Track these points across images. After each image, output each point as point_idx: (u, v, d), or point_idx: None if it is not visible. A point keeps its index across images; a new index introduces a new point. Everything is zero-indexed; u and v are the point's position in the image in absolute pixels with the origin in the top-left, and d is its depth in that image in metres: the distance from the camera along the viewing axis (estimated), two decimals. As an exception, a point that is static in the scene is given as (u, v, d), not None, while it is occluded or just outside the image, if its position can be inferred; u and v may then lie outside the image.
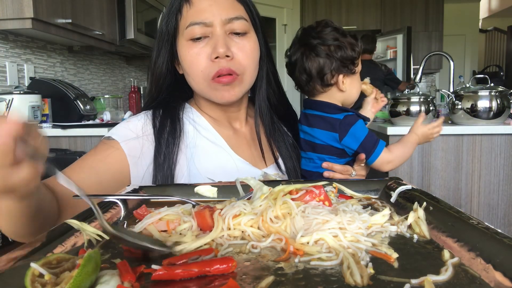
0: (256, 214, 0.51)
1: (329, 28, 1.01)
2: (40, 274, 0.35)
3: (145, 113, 0.89)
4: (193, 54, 0.82)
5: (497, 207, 1.92)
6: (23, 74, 2.33)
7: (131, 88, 3.45)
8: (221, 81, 0.81)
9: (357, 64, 1.02)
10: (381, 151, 0.97)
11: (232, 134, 0.93)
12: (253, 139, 0.96)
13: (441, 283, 0.37)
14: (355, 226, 0.49)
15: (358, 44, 1.01)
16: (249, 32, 0.85)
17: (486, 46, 8.04)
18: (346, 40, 1.00)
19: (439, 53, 2.59)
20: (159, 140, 0.83)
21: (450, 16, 6.06)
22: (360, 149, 0.98)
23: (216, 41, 0.80)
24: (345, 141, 0.99)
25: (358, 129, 0.98)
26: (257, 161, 0.93)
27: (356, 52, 1.00)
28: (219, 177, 0.79)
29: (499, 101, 1.87)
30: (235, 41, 0.83)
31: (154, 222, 0.53)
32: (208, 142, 0.88)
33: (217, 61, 0.80)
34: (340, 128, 0.99)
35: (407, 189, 0.64)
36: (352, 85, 1.03)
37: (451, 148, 1.92)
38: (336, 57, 0.99)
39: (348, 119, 0.99)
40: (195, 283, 0.38)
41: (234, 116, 0.94)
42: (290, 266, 0.41)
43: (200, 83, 0.84)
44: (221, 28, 0.81)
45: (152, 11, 3.13)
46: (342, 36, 1.01)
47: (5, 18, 1.88)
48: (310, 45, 1.01)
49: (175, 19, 0.85)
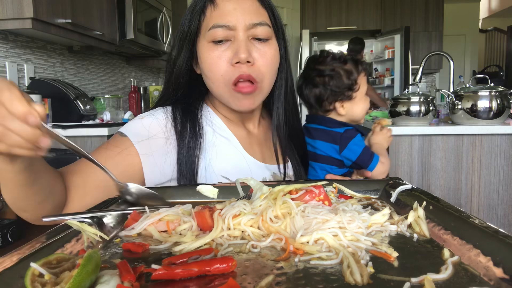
0: (256, 214, 0.52)
1: (328, 58, 1.12)
2: (40, 274, 0.35)
3: (164, 111, 0.87)
4: (214, 57, 0.81)
5: (497, 207, 1.92)
6: (23, 74, 2.33)
7: (131, 88, 3.45)
8: (242, 91, 0.81)
9: (356, 89, 1.10)
10: (377, 163, 1.05)
11: (245, 135, 0.93)
12: (265, 140, 0.97)
13: (441, 282, 0.37)
14: (355, 225, 0.49)
15: (357, 70, 1.09)
16: (271, 39, 0.84)
17: (486, 46, 8.04)
18: (343, 68, 1.10)
19: (439, 53, 2.59)
20: (181, 145, 0.83)
21: (450, 16, 6.06)
22: (359, 161, 1.07)
23: (238, 46, 0.79)
24: (344, 153, 1.08)
25: (356, 143, 1.08)
26: (269, 162, 0.93)
27: (351, 79, 1.09)
28: (234, 177, 0.79)
29: (499, 101, 1.87)
30: (257, 47, 0.82)
31: (154, 222, 0.53)
32: (224, 142, 0.88)
33: (238, 66, 0.80)
34: (341, 141, 1.08)
35: (407, 188, 0.64)
36: (353, 109, 1.12)
37: (451, 148, 1.92)
38: (331, 87, 1.11)
39: (348, 133, 1.09)
40: (195, 283, 0.38)
41: (247, 118, 0.94)
42: (290, 266, 0.41)
43: (220, 88, 0.83)
44: (244, 33, 0.80)
45: (152, 11, 3.13)
46: (341, 63, 1.10)
47: (5, 18, 1.88)
48: (308, 77, 1.15)
49: (198, 19, 0.84)
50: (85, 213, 0.53)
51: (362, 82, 1.11)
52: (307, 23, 5.66)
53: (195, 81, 0.90)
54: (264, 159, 0.93)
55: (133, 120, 0.86)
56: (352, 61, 1.11)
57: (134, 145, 0.80)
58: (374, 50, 5.89)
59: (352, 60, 1.12)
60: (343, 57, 1.12)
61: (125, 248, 0.47)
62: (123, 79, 3.56)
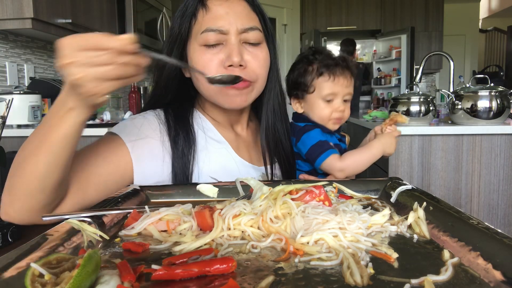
0: (256, 214, 0.52)
1: (316, 52, 1.05)
2: (40, 274, 0.35)
3: (155, 114, 0.87)
4: (206, 60, 0.81)
5: (497, 207, 1.92)
6: (23, 74, 2.33)
7: (131, 88, 3.45)
8: (236, 87, 0.81)
9: (310, 91, 1.03)
10: (325, 158, 0.98)
11: (234, 137, 0.94)
12: (253, 142, 0.97)
13: (441, 283, 0.37)
14: (355, 226, 0.49)
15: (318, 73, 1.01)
16: (262, 43, 0.85)
17: (486, 46, 8.04)
18: (304, 66, 1.04)
19: (439, 53, 2.59)
20: (175, 152, 0.83)
21: (450, 16, 6.06)
22: (308, 155, 1.01)
23: (230, 49, 0.80)
24: (298, 145, 1.04)
25: (309, 137, 1.02)
26: (258, 164, 0.94)
27: (307, 79, 1.02)
28: (222, 178, 0.80)
29: (499, 101, 1.87)
30: (249, 50, 0.83)
31: (154, 222, 0.53)
32: (214, 145, 0.89)
33: (230, 69, 0.80)
34: (297, 134, 1.04)
35: (407, 189, 0.64)
36: (309, 109, 1.05)
37: (451, 148, 1.92)
38: (290, 79, 1.07)
39: (307, 127, 1.04)
40: (195, 283, 0.38)
41: (235, 120, 0.95)
42: (290, 266, 0.41)
43: (209, 89, 0.84)
44: (236, 37, 0.81)
45: (152, 11, 3.13)
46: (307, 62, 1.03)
47: (5, 18, 1.88)
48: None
49: (189, 22, 0.84)
50: (85, 212, 0.53)
51: (323, 86, 1.02)
52: (307, 23, 5.67)
53: (184, 85, 0.91)
54: (252, 160, 0.93)
55: (123, 121, 0.87)
56: (326, 65, 1.01)
57: (126, 143, 0.80)
58: (377, 50, 5.90)
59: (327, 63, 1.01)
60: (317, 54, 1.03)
61: (125, 248, 0.47)
62: (123, 79, 3.56)
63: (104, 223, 0.53)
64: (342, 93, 1.02)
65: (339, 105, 1.03)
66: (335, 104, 1.03)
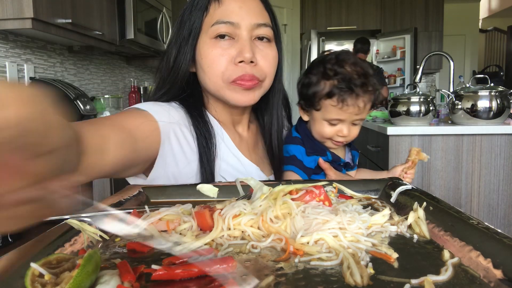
0: (256, 214, 0.51)
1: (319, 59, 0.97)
2: (40, 274, 0.35)
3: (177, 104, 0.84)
4: (216, 54, 0.80)
5: (497, 207, 1.92)
6: (23, 74, 2.33)
7: (131, 88, 3.45)
8: (244, 85, 0.80)
9: (317, 107, 0.93)
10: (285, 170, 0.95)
11: (238, 137, 0.93)
12: (254, 143, 0.97)
13: (441, 283, 0.37)
14: (355, 226, 0.49)
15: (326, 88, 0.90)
16: (272, 42, 0.85)
17: (486, 46, 8.04)
18: (318, 76, 0.92)
19: (439, 53, 2.58)
20: (200, 149, 0.81)
21: (450, 16, 6.06)
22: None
23: (242, 45, 0.79)
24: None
25: (287, 149, 0.98)
26: (264, 165, 0.94)
27: (316, 95, 0.91)
28: (233, 178, 0.79)
29: (499, 101, 1.87)
30: (259, 48, 0.82)
31: (154, 222, 0.53)
32: (222, 145, 0.88)
33: (241, 66, 0.79)
34: (285, 138, 1.01)
35: (407, 189, 0.64)
36: (311, 123, 0.98)
37: (451, 148, 1.92)
38: (300, 83, 0.97)
39: (294, 140, 0.99)
40: (195, 283, 0.38)
41: (237, 120, 0.94)
42: (290, 266, 0.41)
43: (216, 83, 0.82)
44: (248, 32, 0.80)
45: (152, 11, 3.13)
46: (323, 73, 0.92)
47: (5, 18, 1.88)
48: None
49: (200, 16, 0.82)
50: (85, 212, 0.53)
51: (329, 110, 0.91)
52: (307, 23, 5.67)
53: (190, 82, 0.89)
54: (255, 162, 0.93)
55: (147, 102, 0.81)
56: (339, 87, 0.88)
57: (156, 119, 0.75)
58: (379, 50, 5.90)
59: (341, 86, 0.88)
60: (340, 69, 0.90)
61: (129, 248, 0.47)
62: (123, 79, 3.56)
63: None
64: (350, 119, 0.93)
65: (343, 130, 0.94)
66: (339, 128, 0.94)
